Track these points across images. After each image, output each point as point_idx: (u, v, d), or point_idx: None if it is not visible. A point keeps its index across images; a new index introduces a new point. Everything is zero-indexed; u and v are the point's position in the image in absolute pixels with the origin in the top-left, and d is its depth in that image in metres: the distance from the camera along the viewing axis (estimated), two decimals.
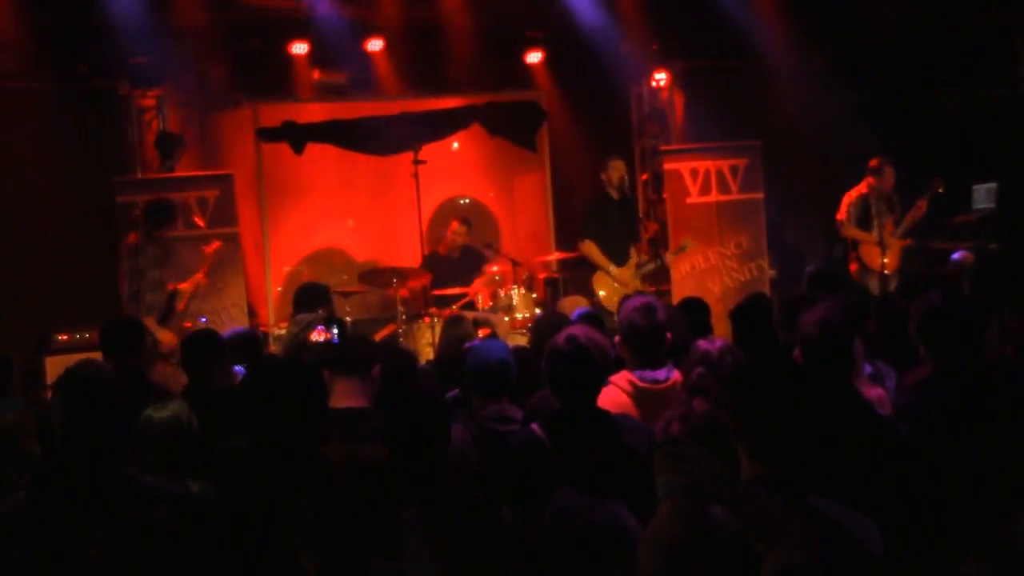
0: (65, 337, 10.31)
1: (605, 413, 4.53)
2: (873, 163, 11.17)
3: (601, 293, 10.88)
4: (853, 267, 11.06)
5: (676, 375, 5.15)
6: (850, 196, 11.22)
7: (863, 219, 11.13)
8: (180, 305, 9.59)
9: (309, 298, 8.33)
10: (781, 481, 3.08)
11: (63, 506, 3.54)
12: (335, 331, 4.91)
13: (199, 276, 9.87)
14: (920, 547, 3.83)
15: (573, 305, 7.79)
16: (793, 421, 3.18)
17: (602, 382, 4.70)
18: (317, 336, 4.91)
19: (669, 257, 11.45)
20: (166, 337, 9.18)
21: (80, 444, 3.63)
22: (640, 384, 5.10)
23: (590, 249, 11.00)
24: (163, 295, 9.37)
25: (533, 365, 5.57)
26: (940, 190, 10.98)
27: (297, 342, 5.03)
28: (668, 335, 5.23)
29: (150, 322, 9.09)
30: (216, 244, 10.17)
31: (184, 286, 9.69)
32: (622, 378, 5.14)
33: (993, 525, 2.27)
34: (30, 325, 10.50)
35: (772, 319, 6.70)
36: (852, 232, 11.20)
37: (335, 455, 3.83)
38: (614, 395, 5.04)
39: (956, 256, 9.45)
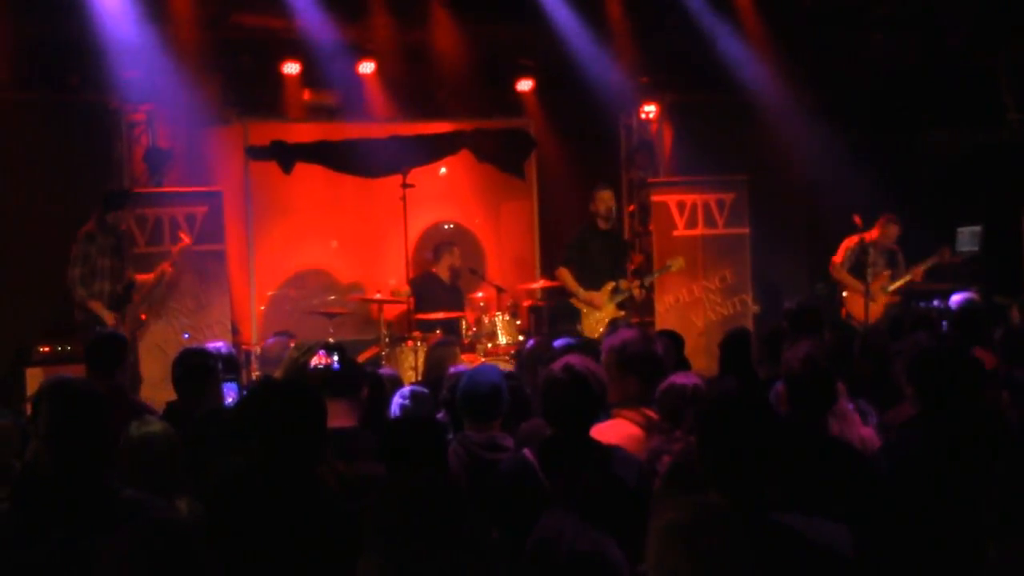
0: (46, 349, 10.24)
1: (598, 443, 4.50)
2: (883, 218, 11.23)
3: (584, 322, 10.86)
4: (844, 312, 11.11)
5: None
6: (850, 241, 11.24)
7: (857, 267, 11.15)
8: (137, 296, 10.02)
9: None
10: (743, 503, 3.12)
11: (46, 517, 3.51)
12: (335, 357, 4.88)
13: (165, 266, 10.21)
14: None
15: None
16: (757, 455, 3.21)
17: (598, 411, 4.66)
18: (318, 361, 4.90)
19: (649, 282, 11.40)
20: (111, 320, 9.56)
21: (66, 455, 3.60)
22: (655, 418, 5.04)
23: (563, 275, 11.01)
24: (117, 283, 9.77)
25: (522, 393, 5.56)
26: (947, 258, 11.23)
27: (297, 366, 5.01)
28: None
29: (97, 306, 9.59)
30: (184, 242, 10.35)
31: (144, 277, 10.09)
32: (633, 410, 5.10)
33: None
34: (10, 336, 10.43)
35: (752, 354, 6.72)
36: (842, 276, 11.23)
37: (328, 473, 3.82)
38: (624, 428, 5.01)
39: (958, 298, 9.32)
